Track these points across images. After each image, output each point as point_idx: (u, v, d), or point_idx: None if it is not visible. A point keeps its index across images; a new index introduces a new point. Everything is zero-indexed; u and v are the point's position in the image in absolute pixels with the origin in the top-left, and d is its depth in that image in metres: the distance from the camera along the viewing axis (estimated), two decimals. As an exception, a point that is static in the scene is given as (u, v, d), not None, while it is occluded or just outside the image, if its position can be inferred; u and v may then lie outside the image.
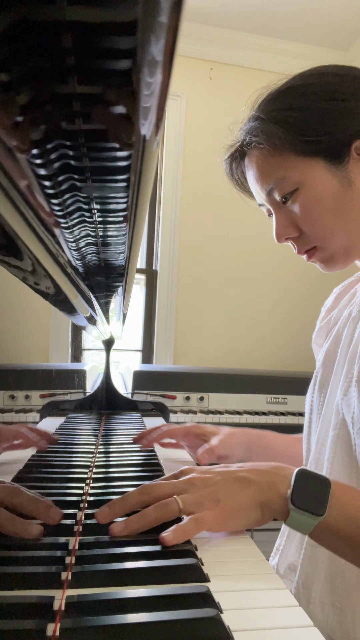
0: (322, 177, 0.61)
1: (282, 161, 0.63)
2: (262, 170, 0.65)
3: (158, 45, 0.16)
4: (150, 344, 2.45)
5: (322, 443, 0.66)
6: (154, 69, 0.17)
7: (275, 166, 0.64)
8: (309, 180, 0.62)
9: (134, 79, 0.18)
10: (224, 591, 0.37)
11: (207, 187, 2.45)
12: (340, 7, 2.19)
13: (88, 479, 0.64)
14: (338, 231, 0.63)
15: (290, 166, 0.62)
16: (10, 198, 0.26)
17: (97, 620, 0.31)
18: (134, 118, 0.20)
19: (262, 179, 0.66)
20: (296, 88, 0.63)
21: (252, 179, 0.68)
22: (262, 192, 0.67)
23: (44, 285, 0.53)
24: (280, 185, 0.64)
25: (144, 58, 0.16)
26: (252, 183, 0.69)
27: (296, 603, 0.36)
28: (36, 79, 0.17)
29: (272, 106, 0.63)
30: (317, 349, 0.76)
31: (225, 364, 2.40)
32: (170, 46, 0.16)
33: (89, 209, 0.32)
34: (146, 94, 0.19)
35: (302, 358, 2.48)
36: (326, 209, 0.62)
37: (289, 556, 0.67)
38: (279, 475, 0.49)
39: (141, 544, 0.43)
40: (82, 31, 0.15)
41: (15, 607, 0.32)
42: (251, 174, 0.68)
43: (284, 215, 0.66)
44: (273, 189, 0.65)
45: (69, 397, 1.61)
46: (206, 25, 2.35)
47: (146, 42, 0.16)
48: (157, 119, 0.21)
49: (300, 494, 0.46)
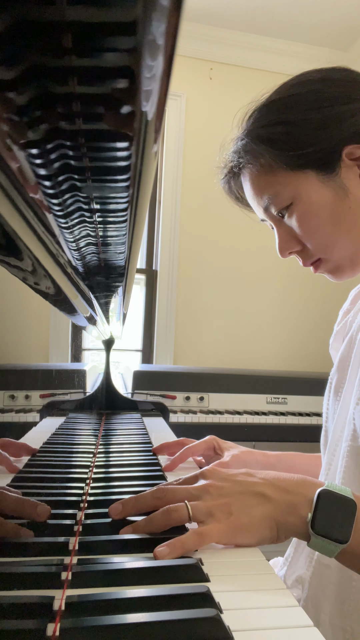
0: (315, 189, 0.61)
1: (274, 177, 0.63)
2: (255, 188, 0.66)
3: (158, 45, 0.16)
4: (150, 344, 2.45)
5: (332, 452, 0.63)
6: (154, 69, 0.17)
7: (267, 183, 0.64)
8: (302, 194, 0.61)
9: (134, 78, 0.18)
10: (224, 591, 0.37)
11: (207, 187, 2.44)
12: (341, 8, 2.19)
13: (88, 479, 0.64)
14: (339, 241, 0.62)
15: (282, 182, 0.62)
16: (10, 198, 0.26)
17: (97, 620, 0.31)
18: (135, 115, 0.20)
19: (256, 196, 0.66)
20: (279, 101, 0.62)
21: (249, 196, 0.69)
22: (259, 208, 0.67)
23: (44, 285, 0.53)
24: (275, 201, 0.64)
25: (144, 58, 0.16)
26: (251, 200, 0.69)
27: (296, 603, 0.36)
28: (36, 79, 0.17)
29: (256, 124, 0.63)
30: (334, 354, 0.73)
31: (225, 364, 2.40)
32: (171, 46, 0.16)
33: (89, 209, 0.32)
34: (146, 94, 0.19)
35: (302, 358, 2.48)
36: (323, 221, 0.61)
37: (297, 568, 0.65)
38: (301, 495, 0.45)
39: (141, 544, 0.43)
40: (82, 31, 0.15)
41: (15, 607, 0.32)
42: (247, 192, 0.69)
43: (284, 229, 0.66)
44: (269, 205, 0.65)
45: (69, 397, 1.61)
46: (206, 25, 2.35)
47: (146, 42, 0.16)
48: (158, 116, 0.21)
49: (322, 519, 0.43)
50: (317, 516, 0.43)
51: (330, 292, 2.54)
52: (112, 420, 1.11)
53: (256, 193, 0.66)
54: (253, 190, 0.67)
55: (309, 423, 1.85)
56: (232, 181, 0.72)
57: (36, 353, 2.22)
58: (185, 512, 0.44)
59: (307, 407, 1.94)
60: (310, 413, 1.92)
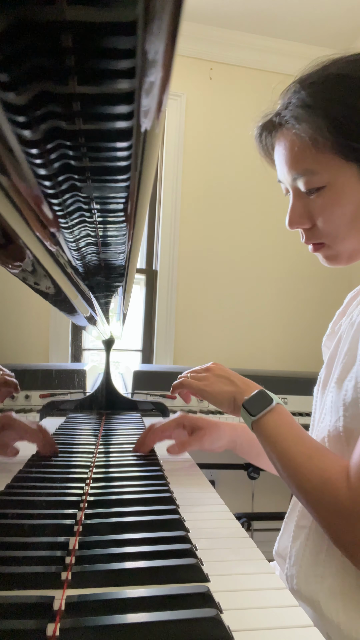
0: (352, 183, 0.60)
1: (317, 155, 0.60)
2: (292, 156, 0.62)
3: (158, 46, 0.16)
4: (150, 344, 2.45)
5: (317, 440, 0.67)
6: (154, 69, 0.17)
7: (306, 157, 0.60)
8: (339, 183, 0.60)
9: (134, 78, 0.18)
10: (224, 591, 0.37)
11: (207, 187, 2.45)
12: (341, 8, 2.19)
13: (88, 479, 0.64)
14: (350, 237, 0.63)
15: (323, 162, 0.60)
16: (10, 198, 0.26)
17: (97, 620, 0.31)
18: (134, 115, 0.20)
19: (291, 164, 0.63)
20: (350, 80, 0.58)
21: (280, 157, 0.65)
22: (287, 175, 0.64)
23: (44, 285, 0.53)
24: (309, 179, 0.61)
25: (144, 58, 0.16)
26: (279, 162, 0.65)
27: (296, 603, 0.36)
28: (36, 79, 0.17)
29: (323, 93, 0.58)
30: (325, 351, 0.78)
31: (225, 364, 2.39)
32: (171, 46, 0.16)
33: (89, 209, 0.32)
34: (146, 94, 0.19)
35: (302, 358, 2.48)
36: (346, 215, 0.61)
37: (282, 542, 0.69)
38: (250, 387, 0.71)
39: (141, 544, 0.43)
40: (82, 31, 0.15)
41: (15, 607, 0.32)
42: (280, 153, 0.65)
43: (301, 204, 0.65)
44: (299, 178, 0.62)
45: (69, 397, 1.61)
46: (206, 25, 2.35)
47: (146, 42, 0.16)
48: (157, 115, 0.21)
49: (250, 400, 0.66)
50: (249, 398, 0.67)
51: (330, 292, 2.54)
52: (112, 420, 1.11)
53: (291, 162, 0.62)
54: (289, 157, 0.63)
55: (309, 423, 1.85)
56: (266, 133, 0.67)
57: (36, 353, 2.22)
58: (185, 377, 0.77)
59: (307, 407, 1.94)
60: (310, 413, 1.92)
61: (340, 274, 2.55)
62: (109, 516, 0.50)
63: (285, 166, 0.64)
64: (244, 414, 0.66)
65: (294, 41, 2.43)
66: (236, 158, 2.45)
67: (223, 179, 2.46)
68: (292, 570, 0.62)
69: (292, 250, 2.48)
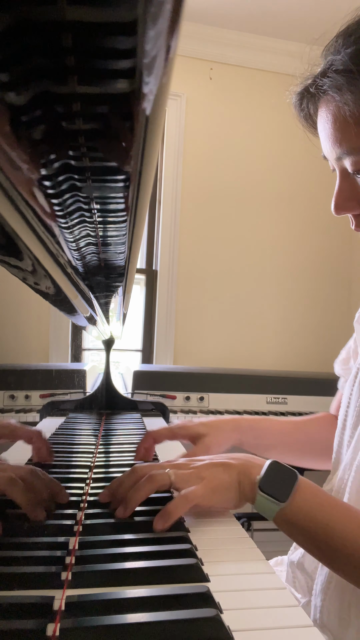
0: None
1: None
2: (337, 131, 0.54)
3: (158, 46, 0.16)
4: (150, 344, 2.45)
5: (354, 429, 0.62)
6: (154, 69, 0.17)
7: (354, 133, 0.53)
8: None
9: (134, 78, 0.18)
10: (224, 591, 0.37)
11: (207, 187, 2.45)
12: (341, 8, 2.19)
13: (88, 479, 0.64)
14: None
15: None
16: (10, 198, 0.26)
17: (97, 620, 0.31)
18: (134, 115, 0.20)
19: (335, 139, 0.55)
20: None
21: (323, 132, 0.57)
22: (332, 152, 0.57)
23: (44, 285, 0.53)
24: (356, 158, 0.54)
25: (144, 58, 0.16)
26: (323, 136, 0.58)
27: (296, 603, 0.36)
28: (36, 79, 0.17)
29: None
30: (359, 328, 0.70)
31: (225, 364, 2.40)
32: (171, 46, 0.16)
33: (89, 209, 0.32)
34: (146, 94, 0.19)
35: (302, 358, 2.48)
36: None
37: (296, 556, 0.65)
38: (253, 463, 0.53)
39: (141, 544, 0.43)
40: (82, 31, 0.15)
41: (15, 607, 0.32)
42: (323, 126, 0.57)
43: (349, 186, 0.58)
44: (345, 157, 0.55)
45: (69, 397, 1.61)
46: (206, 25, 2.35)
47: (146, 42, 0.16)
48: (157, 115, 0.21)
49: (267, 480, 0.50)
50: (264, 477, 0.50)
51: (331, 292, 2.54)
52: (112, 420, 1.11)
53: (336, 136, 0.55)
54: (334, 131, 0.55)
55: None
56: (308, 98, 0.59)
57: (36, 353, 2.22)
58: (167, 477, 0.50)
59: (307, 407, 1.94)
60: (310, 413, 1.91)
61: (341, 274, 2.55)
62: (109, 516, 0.50)
63: (329, 142, 0.56)
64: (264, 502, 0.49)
65: (294, 41, 2.43)
66: (236, 158, 2.45)
67: (223, 179, 2.46)
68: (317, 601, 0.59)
69: (292, 250, 2.48)
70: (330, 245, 2.51)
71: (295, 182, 2.46)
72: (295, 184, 2.48)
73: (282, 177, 2.48)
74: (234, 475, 0.52)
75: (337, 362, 0.80)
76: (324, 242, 2.51)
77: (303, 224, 2.49)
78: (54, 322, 2.22)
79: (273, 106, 1.97)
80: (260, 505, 0.49)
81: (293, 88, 0.60)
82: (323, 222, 2.48)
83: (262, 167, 2.48)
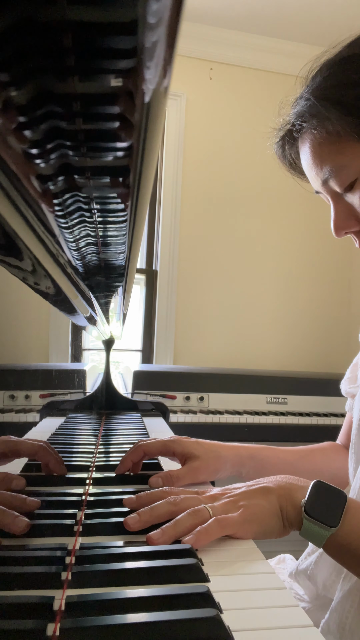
0: None
1: (341, 147, 0.55)
2: (316, 157, 0.58)
3: (158, 45, 0.16)
4: (150, 344, 2.45)
5: None
6: (154, 69, 0.17)
7: (331, 153, 0.56)
8: None
9: (134, 78, 0.18)
10: (224, 591, 0.37)
11: (207, 187, 2.45)
12: (341, 7, 2.19)
13: (88, 479, 0.64)
14: None
15: (349, 153, 0.55)
16: (10, 198, 0.26)
17: (97, 620, 0.31)
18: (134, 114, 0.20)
19: (316, 166, 0.58)
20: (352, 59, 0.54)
21: (306, 165, 0.61)
22: (317, 179, 0.60)
23: (44, 285, 0.53)
24: (339, 175, 0.56)
25: (144, 58, 0.16)
26: (307, 169, 0.61)
27: (296, 603, 0.36)
28: (36, 78, 0.17)
29: (326, 82, 0.55)
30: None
31: (225, 364, 2.40)
32: (171, 46, 0.16)
33: (89, 209, 0.32)
34: (146, 94, 0.19)
35: (302, 358, 2.48)
36: None
37: None
38: (296, 485, 0.49)
39: (141, 544, 0.43)
40: (83, 31, 0.15)
41: (15, 607, 0.32)
42: (305, 160, 0.61)
43: (342, 206, 0.60)
44: (330, 178, 0.58)
45: (69, 397, 1.61)
46: (206, 25, 2.35)
47: (146, 42, 0.16)
48: (158, 115, 0.21)
49: (314, 503, 0.45)
50: (310, 500, 0.46)
51: (331, 293, 2.54)
52: (112, 421, 1.11)
53: (316, 163, 0.58)
54: (313, 159, 0.58)
55: (309, 423, 1.85)
56: (288, 145, 0.64)
57: (36, 353, 2.22)
58: (206, 513, 0.46)
59: (307, 407, 1.94)
60: (310, 413, 1.92)
61: (341, 274, 2.55)
62: (109, 516, 0.50)
63: (313, 171, 0.60)
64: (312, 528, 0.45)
65: (294, 41, 2.43)
66: (236, 158, 2.45)
67: (223, 179, 2.46)
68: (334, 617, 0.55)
69: (292, 250, 2.48)
70: (330, 245, 2.51)
71: (295, 182, 2.46)
72: (295, 184, 2.47)
73: (282, 177, 2.47)
74: (273, 500, 0.47)
75: (343, 383, 0.76)
76: (324, 242, 2.51)
77: (303, 223, 2.49)
78: (54, 322, 2.22)
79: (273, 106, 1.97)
80: (307, 532, 0.45)
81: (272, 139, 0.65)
82: (323, 222, 2.47)
83: (262, 166, 2.47)
